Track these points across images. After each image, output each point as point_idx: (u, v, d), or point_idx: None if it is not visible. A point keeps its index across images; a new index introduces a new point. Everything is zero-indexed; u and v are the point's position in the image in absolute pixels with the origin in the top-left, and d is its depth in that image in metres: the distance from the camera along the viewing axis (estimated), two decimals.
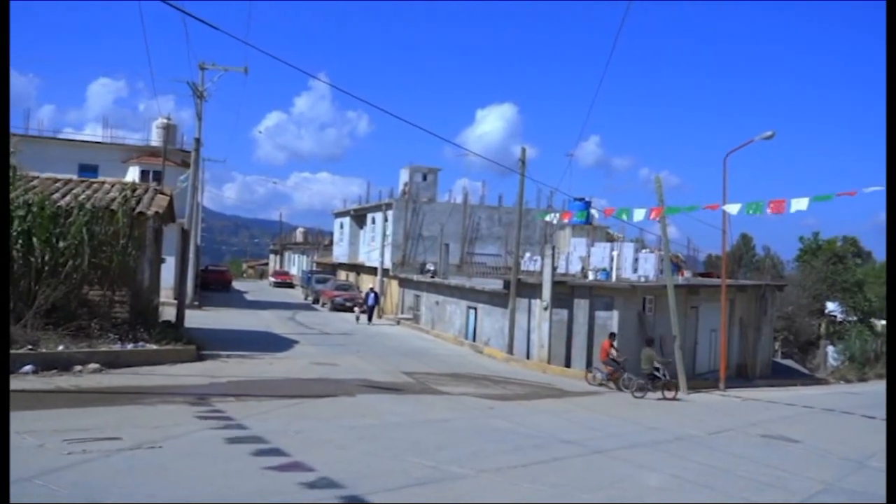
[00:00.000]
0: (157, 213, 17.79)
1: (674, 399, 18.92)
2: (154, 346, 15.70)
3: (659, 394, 18.95)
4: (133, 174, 33.21)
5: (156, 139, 36.24)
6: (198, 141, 25.03)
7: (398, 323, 34.12)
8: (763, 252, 69.85)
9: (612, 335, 21.06)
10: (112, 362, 13.97)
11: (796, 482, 9.17)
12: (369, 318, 32.95)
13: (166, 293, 27.79)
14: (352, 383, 14.97)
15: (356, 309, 34.05)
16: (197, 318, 27.54)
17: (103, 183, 19.64)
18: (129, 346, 15.14)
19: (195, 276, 43.19)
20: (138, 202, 17.61)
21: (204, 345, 19.08)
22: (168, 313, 23.31)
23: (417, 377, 17.33)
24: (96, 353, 13.93)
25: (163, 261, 22.26)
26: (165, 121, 36.94)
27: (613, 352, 20.32)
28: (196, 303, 33.79)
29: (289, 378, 15.03)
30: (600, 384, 20.21)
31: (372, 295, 33.87)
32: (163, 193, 19.62)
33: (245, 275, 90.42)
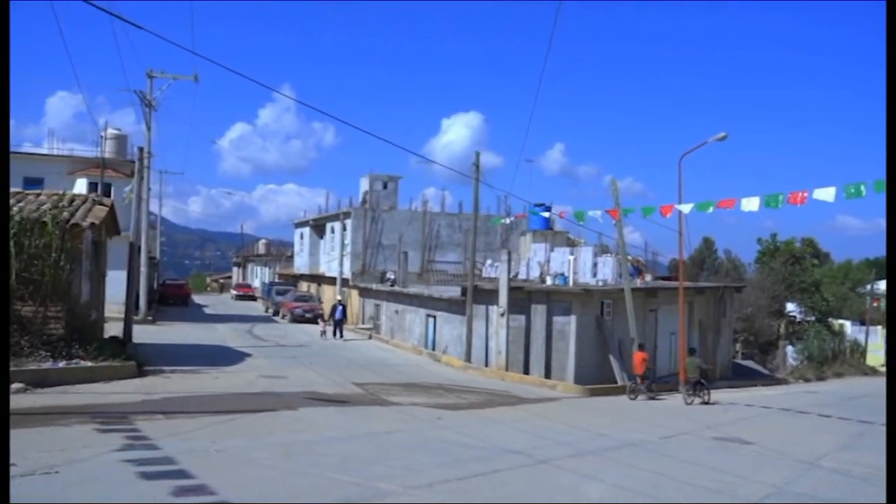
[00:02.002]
0: (93, 224, 17.05)
1: (711, 403, 19.66)
2: (89, 364, 14.96)
3: (700, 399, 19.65)
4: (80, 186, 32.18)
5: (106, 150, 35.24)
6: (142, 150, 24.31)
7: (370, 337, 31.92)
8: (724, 255, 70.65)
9: (640, 346, 21.46)
10: (40, 381, 13.24)
11: (745, 487, 8.88)
12: (336, 333, 30.25)
13: (118, 308, 26.89)
14: (297, 396, 14.42)
15: (321, 323, 31.66)
16: (149, 334, 26.74)
17: (39, 195, 18.82)
18: (61, 364, 14.40)
19: (148, 290, 42.14)
20: (73, 214, 16.88)
21: (149, 360, 18.40)
22: (116, 329, 22.55)
23: (369, 388, 16.82)
24: (23, 373, 13.18)
25: (104, 275, 21.39)
26: (115, 132, 35.99)
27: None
28: (150, 318, 32.82)
29: (231, 393, 14.42)
30: (638, 396, 20.19)
31: (340, 308, 31.08)
32: (101, 204, 18.86)
33: (209, 288, 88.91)
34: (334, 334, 30.25)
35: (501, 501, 7.16)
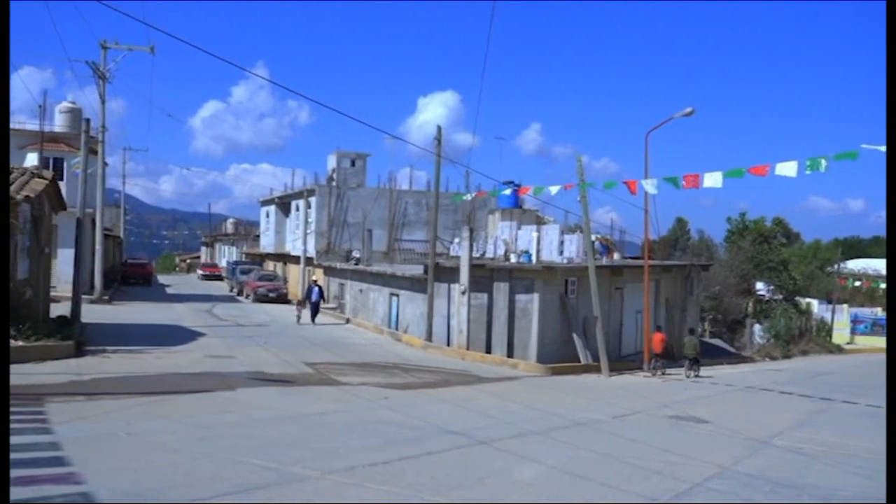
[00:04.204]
0: (28, 197, 16.19)
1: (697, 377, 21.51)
2: (20, 343, 14.22)
3: (694, 373, 21.91)
4: (32, 161, 30.99)
5: (59, 125, 34.00)
6: (88, 122, 23.26)
7: (347, 322, 29.59)
8: (697, 235, 70.85)
9: (658, 327, 23.45)
10: None
11: (689, 467, 8.49)
12: (313, 317, 27.90)
13: (70, 287, 26.00)
14: (240, 377, 13.84)
15: (297, 307, 28.96)
16: (103, 313, 25.92)
17: None
18: None
19: (108, 269, 41.06)
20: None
21: (93, 340, 17.71)
22: (66, 308, 21.74)
23: (320, 368, 16.27)
24: None
25: (46, 251, 20.49)
26: (70, 105, 34.71)
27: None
28: (105, 297, 31.86)
29: (170, 373, 13.78)
30: (661, 374, 21.78)
31: (315, 289, 28.51)
32: (41, 177, 17.98)
33: (178, 268, 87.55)
34: (312, 318, 27.85)
35: (424, 484, 6.66)
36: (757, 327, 38.43)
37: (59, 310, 21.23)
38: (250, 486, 6.13)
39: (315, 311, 28.25)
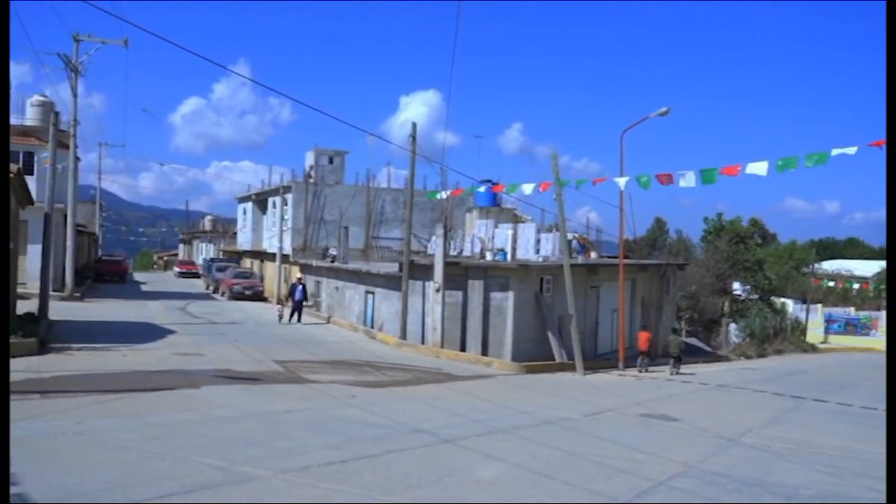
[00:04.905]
0: None
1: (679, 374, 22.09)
2: None
3: (676, 370, 22.49)
4: None
5: (31, 118, 33.37)
6: (57, 115, 22.81)
7: (328, 321, 29.04)
8: (676, 235, 71.24)
9: (644, 326, 25.04)
10: None
11: (655, 465, 8.40)
12: (298, 316, 27.42)
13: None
14: (205, 374, 13.59)
15: (279, 306, 28.53)
16: (73, 311, 25.45)
17: None
18: None
19: (81, 265, 40.46)
20: None
21: (59, 338, 17.39)
22: (32, 305, 21.29)
23: (290, 366, 16.03)
24: None
25: (7, 247, 20.01)
26: (41, 99, 34.08)
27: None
28: (77, 294, 31.34)
29: (134, 371, 13.50)
30: (647, 370, 22.30)
31: (299, 288, 27.92)
32: None
33: (155, 266, 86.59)
34: (297, 318, 27.38)
35: (379, 484, 6.49)
36: (732, 326, 38.66)
37: (27, 307, 20.78)
38: (197, 486, 5.93)
39: (298, 310, 27.77)
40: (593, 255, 32.09)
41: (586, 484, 7.19)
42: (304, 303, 28.50)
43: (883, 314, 46.99)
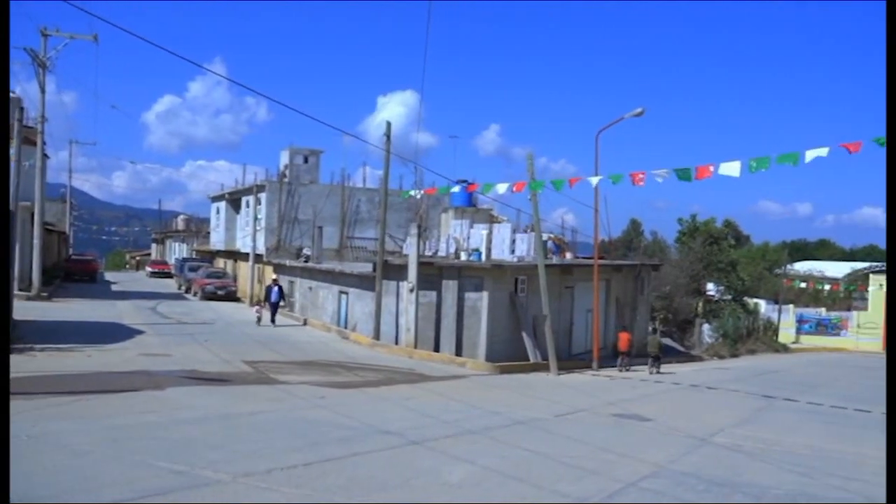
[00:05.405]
0: None
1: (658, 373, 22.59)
2: None
3: (656, 369, 22.88)
4: None
5: None
6: (22, 110, 22.27)
7: (305, 323, 28.36)
8: (651, 236, 71.70)
9: (624, 327, 25.59)
10: None
11: (625, 466, 8.31)
12: (272, 318, 27.00)
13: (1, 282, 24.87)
14: (172, 375, 13.29)
15: (255, 308, 28.00)
16: (40, 311, 24.87)
17: None
18: None
19: (51, 265, 39.72)
20: None
21: (24, 338, 16.90)
22: None
23: (260, 367, 15.77)
24: None
25: None
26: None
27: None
28: (45, 294, 30.69)
29: (98, 372, 13.16)
30: (624, 370, 22.79)
31: (276, 289, 27.48)
32: None
33: (128, 266, 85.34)
34: (272, 318, 26.90)
35: (342, 487, 6.32)
36: (706, 327, 38.92)
37: None
38: (152, 491, 5.72)
39: (274, 312, 27.32)
40: (569, 255, 32.10)
41: (555, 485, 7.08)
42: (280, 304, 28.12)
43: (853, 314, 47.72)
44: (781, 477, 8.58)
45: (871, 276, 51.26)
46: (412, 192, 26.41)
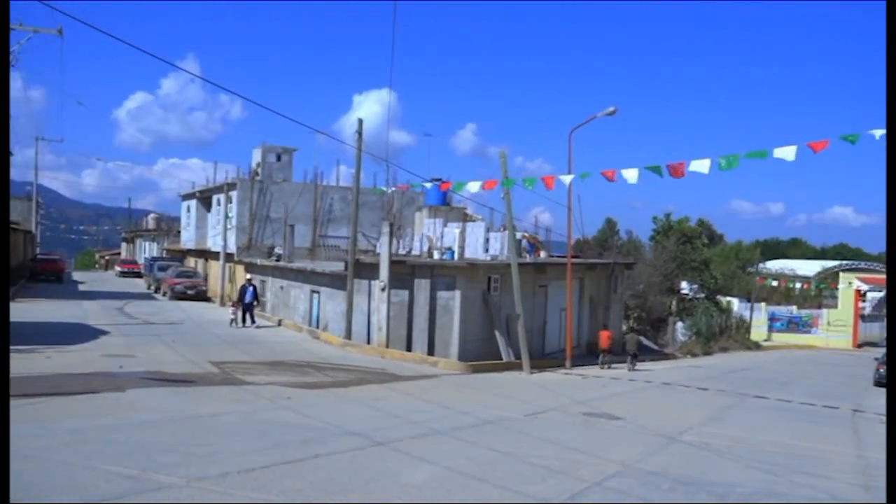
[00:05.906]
0: None
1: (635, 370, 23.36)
2: None
3: (633, 367, 23.66)
4: None
5: None
6: None
7: (279, 324, 27.29)
8: (626, 235, 72.10)
9: (605, 326, 27.11)
10: None
11: (592, 465, 8.23)
12: (249, 320, 26.04)
13: None
14: (134, 377, 12.97)
15: (231, 309, 26.97)
16: None
17: None
18: None
19: (16, 264, 38.88)
20: None
21: None
22: None
23: (226, 367, 15.47)
24: None
25: None
26: None
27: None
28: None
29: (57, 374, 12.79)
30: (605, 367, 23.45)
31: (250, 289, 26.39)
32: None
33: (97, 265, 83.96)
34: (243, 320, 25.94)
35: (300, 490, 6.14)
36: (679, 325, 39.18)
37: None
38: (100, 497, 5.50)
39: (250, 313, 26.54)
40: (543, 254, 32.09)
41: (519, 486, 6.96)
42: (254, 304, 27.53)
43: (823, 312, 48.45)
44: (748, 475, 8.56)
45: (840, 273, 52.08)
46: (384, 189, 26.17)
